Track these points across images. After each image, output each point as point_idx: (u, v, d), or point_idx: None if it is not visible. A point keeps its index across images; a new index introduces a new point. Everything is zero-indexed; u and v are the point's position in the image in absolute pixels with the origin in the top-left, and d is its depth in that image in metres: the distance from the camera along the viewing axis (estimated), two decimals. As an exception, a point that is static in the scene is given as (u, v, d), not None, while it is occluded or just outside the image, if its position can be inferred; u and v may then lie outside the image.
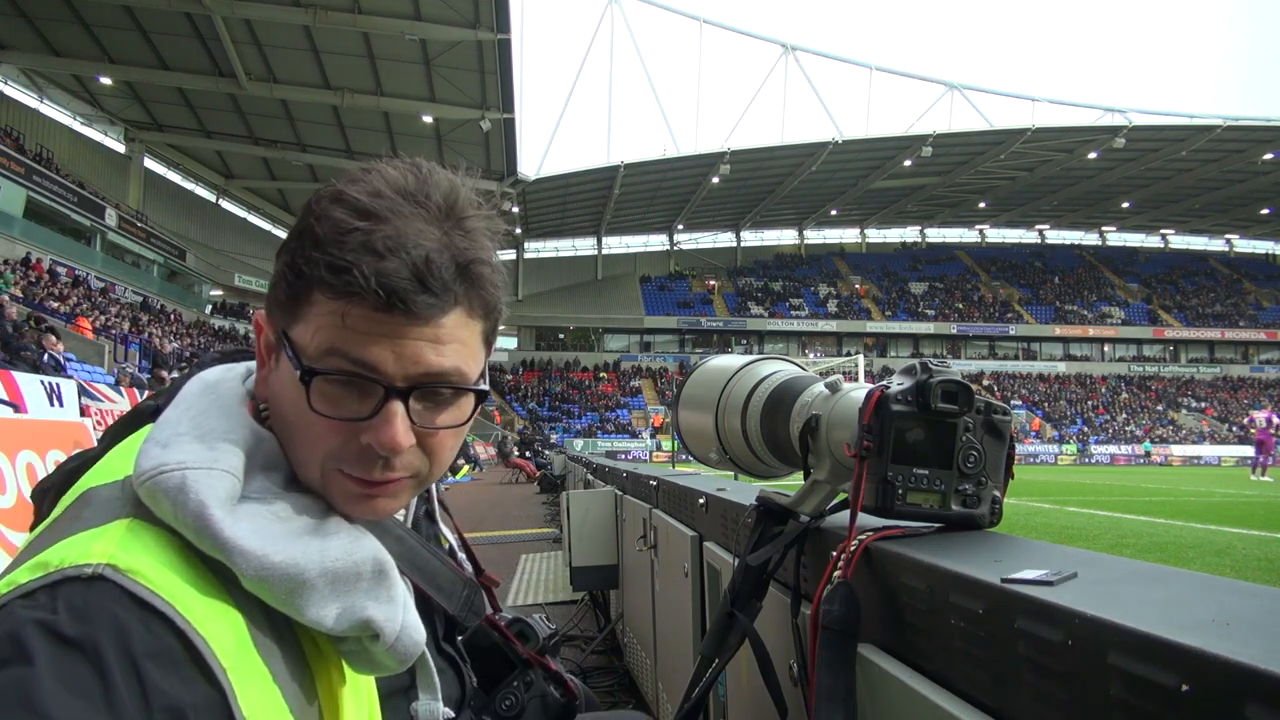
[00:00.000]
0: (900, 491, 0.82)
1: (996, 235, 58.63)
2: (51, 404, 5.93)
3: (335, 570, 0.64)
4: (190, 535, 0.61)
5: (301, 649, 0.65)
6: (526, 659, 1.06)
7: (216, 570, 0.61)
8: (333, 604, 0.63)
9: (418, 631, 0.68)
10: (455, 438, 0.72)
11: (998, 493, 0.86)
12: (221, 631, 0.58)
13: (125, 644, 0.54)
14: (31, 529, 0.70)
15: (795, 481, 1.02)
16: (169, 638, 0.55)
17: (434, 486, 0.89)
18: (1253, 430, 30.29)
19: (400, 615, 0.66)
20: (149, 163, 34.72)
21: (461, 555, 1.00)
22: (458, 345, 0.68)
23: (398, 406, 0.66)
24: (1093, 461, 39.84)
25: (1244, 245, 58.13)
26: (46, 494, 0.71)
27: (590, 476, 5.37)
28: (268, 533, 0.62)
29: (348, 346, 0.64)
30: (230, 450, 0.65)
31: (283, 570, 0.61)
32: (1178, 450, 41.45)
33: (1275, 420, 21.35)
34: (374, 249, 0.63)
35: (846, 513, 0.87)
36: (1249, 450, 39.14)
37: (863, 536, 0.83)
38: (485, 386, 0.72)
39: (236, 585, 0.61)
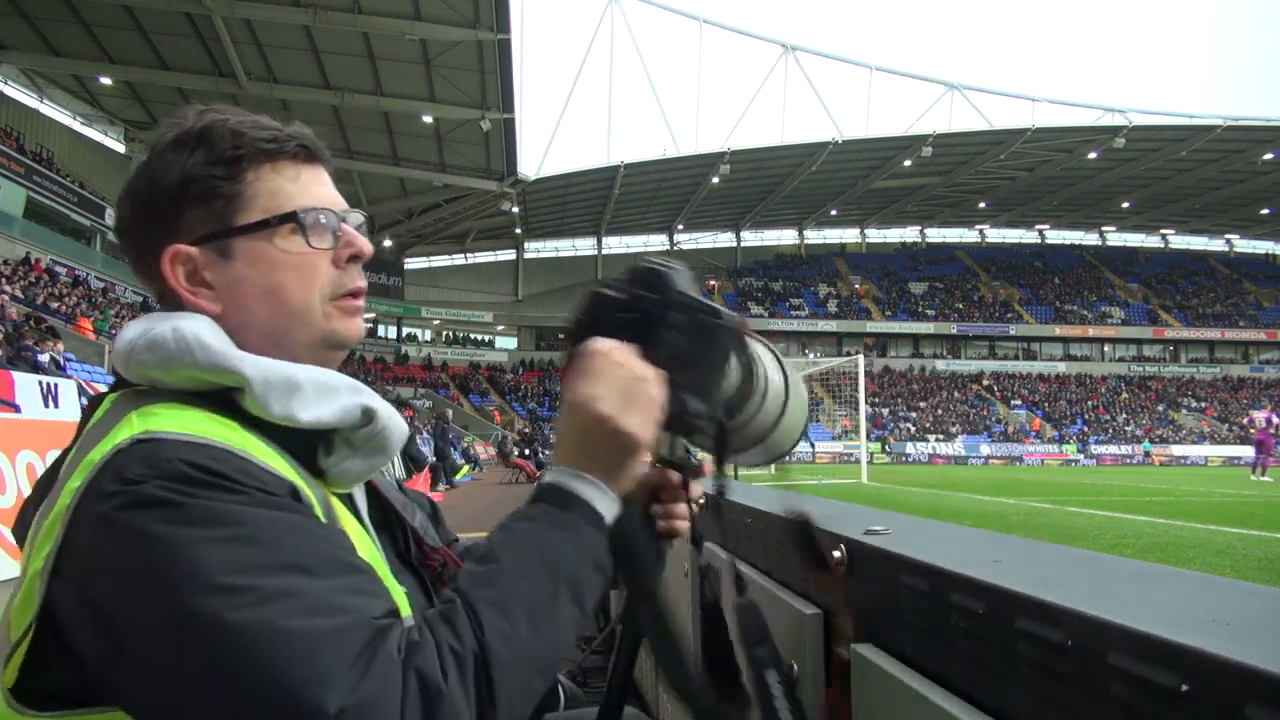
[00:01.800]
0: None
1: (996, 235, 58.60)
2: (46, 405, 5.92)
3: (319, 380, 0.76)
4: (196, 367, 0.72)
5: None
6: None
7: (220, 414, 0.71)
8: (323, 405, 0.74)
9: (403, 423, 0.79)
10: None
11: (700, 405, 0.79)
12: (251, 446, 0.69)
13: (205, 463, 0.64)
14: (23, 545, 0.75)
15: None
16: (227, 455, 0.66)
17: None
18: (1252, 430, 30.29)
19: (388, 406, 0.79)
20: (149, 163, 34.72)
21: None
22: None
23: (347, 225, 0.84)
24: (1078, 463, 39.68)
25: (1244, 245, 58.09)
26: (26, 509, 0.78)
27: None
28: (258, 358, 0.75)
29: (302, 194, 0.82)
30: (198, 319, 0.76)
31: (280, 374, 0.73)
32: (1176, 450, 41.44)
33: (1275, 420, 21.30)
34: (270, 125, 0.82)
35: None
36: (1238, 450, 39.31)
37: None
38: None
39: (241, 421, 0.71)
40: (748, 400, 0.90)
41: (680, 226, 52.63)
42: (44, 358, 11.64)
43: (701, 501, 1.02)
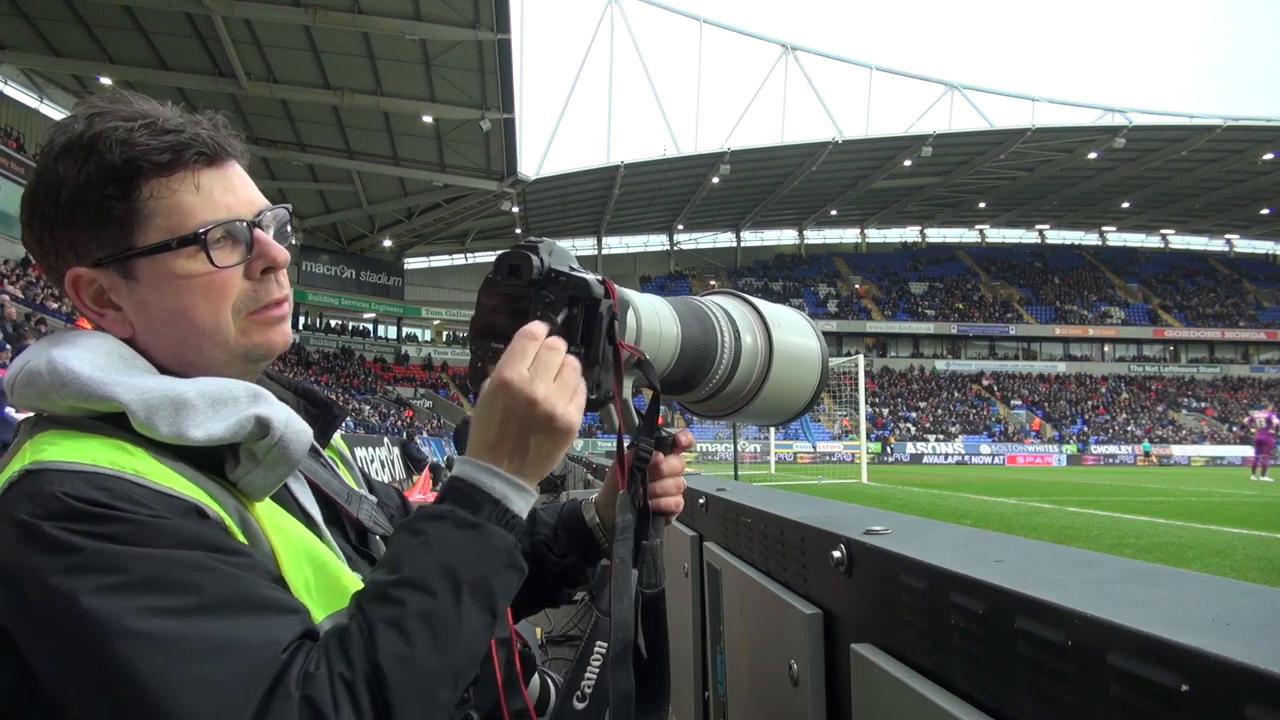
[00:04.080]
0: (480, 365, 0.80)
1: (996, 235, 58.54)
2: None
3: (211, 393, 0.72)
4: (73, 397, 0.69)
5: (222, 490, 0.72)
6: None
7: (118, 436, 0.69)
8: (217, 420, 0.71)
9: (304, 428, 0.76)
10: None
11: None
12: (145, 468, 0.67)
13: (94, 496, 0.63)
14: None
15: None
16: (116, 482, 0.64)
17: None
18: (1252, 430, 30.29)
19: (285, 414, 0.75)
20: (149, 163, 34.69)
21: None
22: (254, 186, 0.82)
23: (261, 233, 0.79)
24: (1060, 463, 39.56)
25: (1244, 245, 58.04)
26: None
27: (590, 476, 5.38)
28: (142, 380, 0.71)
29: (207, 205, 0.76)
30: (87, 344, 0.74)
31: (162, 393, 0.70)
32: (1176, 450, 41.40)
33: (1275, 420, 21.28)
34: (166, 128, 0.75)
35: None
36: (1223, 450, 39.37)
37: None
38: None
39: (139, 445, 0.68)
40: (711, 366, 0.90)
41: (680, 226, 52.61)
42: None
43: (683, 481, 0.99)
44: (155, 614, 0.60)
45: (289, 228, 0.85)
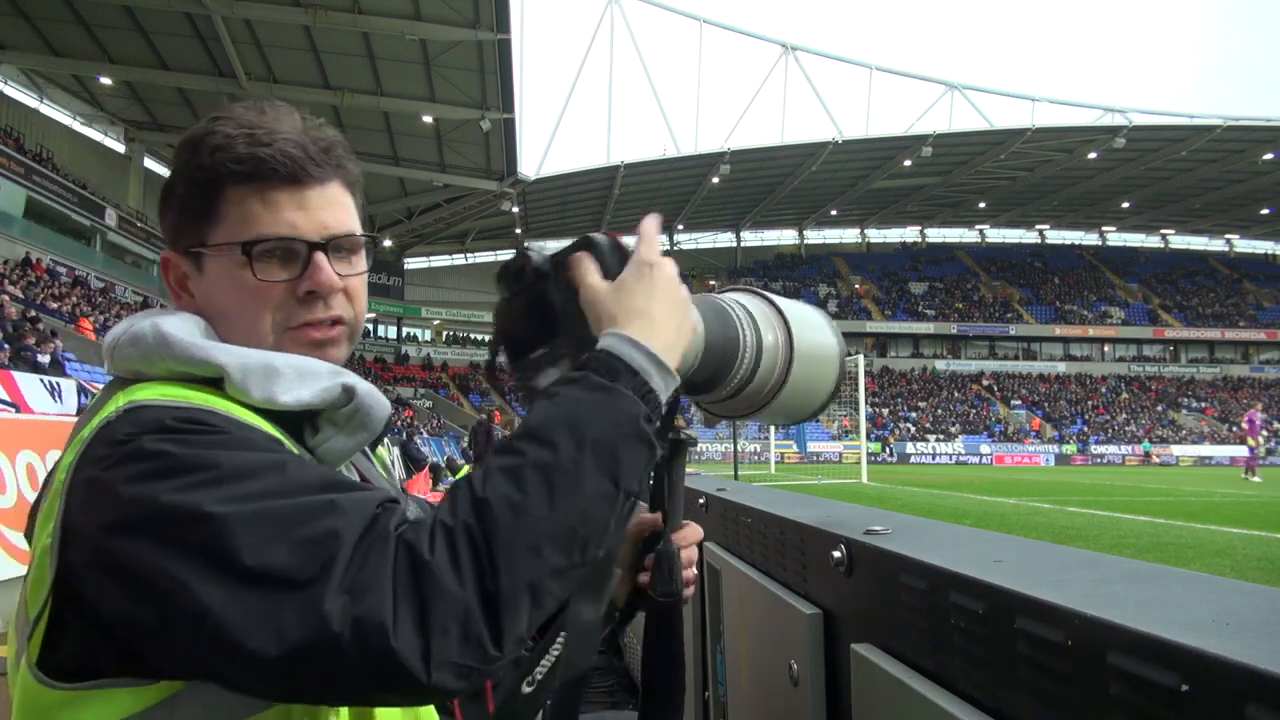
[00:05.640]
0: (528, 385, 0.82)
1: (996, 235, 58.56)
2: (53, 399, 5.91)
3: (299, 365, 0.77)
4: (173, 359, 0.74)
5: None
6: None
7: (206, 392, 0.72)
8: (304, 388, 0.75)
9: (384, 400, 0.80)
10: (364, 285, 0.87)
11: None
12: (237, 411, 0.71)
13: (191, 416, 0.67)
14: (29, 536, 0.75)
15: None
16: (211, 414, 0.68)
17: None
18: (1241, 429, 30.39)
19: (367, 384, 0.79)
20: (149, 163, 34.67)
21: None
22: (344, 209, 0.84)
23: (321, 257, 0.81)
24: (1049, 463, 39.58)
25: (1244, 245, 58.05)
26: (36, 504, 0.77)
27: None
28: (235, 348, 0.76)
29: (270, 220, 0.79)
30: (183, 316, 0.80)
31: (257, 359, 0.75)
32: (1176, 450, 41.42)
33: (1259, 419, 21.16)
34: (261, 141, 0.79)
35: None
36: (1212, 450, 39.57)
37: None
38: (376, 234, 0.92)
39: (230, 402, 0.72)
40: (734, 365, 0.89)
41: (680, 226, 52.61)
42: (44, 358, 11.64)
43: (694, 573, 1.02)
44: (249, 497, 0.62)
45: (363, 254, 0.87)
